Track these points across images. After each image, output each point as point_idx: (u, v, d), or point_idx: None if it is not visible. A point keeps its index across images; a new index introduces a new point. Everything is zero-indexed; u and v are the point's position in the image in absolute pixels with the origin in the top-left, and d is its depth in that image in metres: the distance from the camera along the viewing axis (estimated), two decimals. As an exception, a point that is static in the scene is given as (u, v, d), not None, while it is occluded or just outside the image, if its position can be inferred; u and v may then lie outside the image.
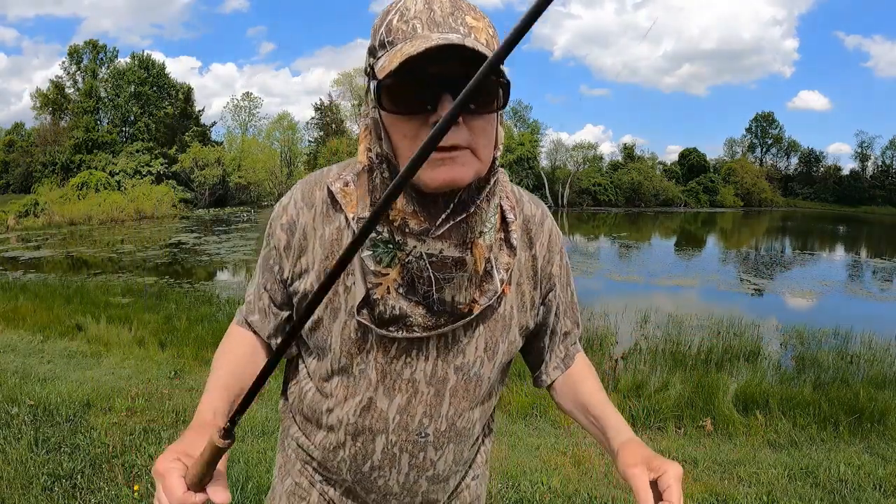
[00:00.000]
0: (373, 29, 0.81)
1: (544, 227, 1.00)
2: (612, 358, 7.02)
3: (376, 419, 0.94)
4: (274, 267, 0.97)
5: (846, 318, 9.53)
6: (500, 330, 0.95)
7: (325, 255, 0.91)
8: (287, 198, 0.96)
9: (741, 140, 79.72)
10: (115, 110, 49.88)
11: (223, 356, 1.03)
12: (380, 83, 0.75)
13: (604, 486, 3.27)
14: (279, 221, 0.95)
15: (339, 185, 0.90)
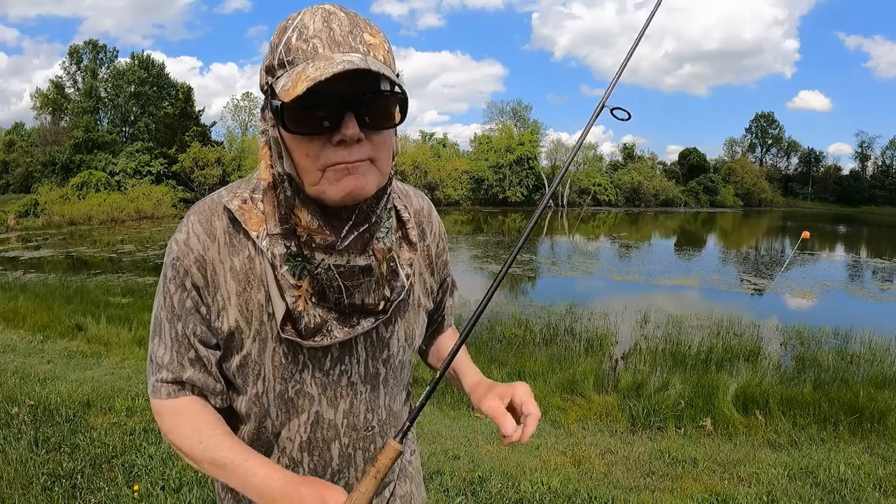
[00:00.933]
0: (271, 45, 0.80)
1: (432, 219, 1.08)
2: (612, 358, 7.03)
3: (327, 429, 0.97)
4: (199, 308, 0.89)
5: (846, 318, 9.53)
6: (413, 318, 1.02)
7: (240, 287, 0.88)
8: (184, 233, 0.89)
9: (741, 140, 79.78)
10: (115, 110, 49.89)
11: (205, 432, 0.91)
12: (282, 105, 0.75)
13: (604, 486, 3.27)
14: (187, 260, 0.88)
15: (237, 203, 0.88)
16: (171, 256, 0.89)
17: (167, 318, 0.91)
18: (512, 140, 54.53)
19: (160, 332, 0.92)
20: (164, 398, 0.94)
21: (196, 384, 0.93)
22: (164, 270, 0.91)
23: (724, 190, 63.72)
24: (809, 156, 78.42)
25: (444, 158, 51.89)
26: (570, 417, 4.79)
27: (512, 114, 60.53)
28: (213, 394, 0.95)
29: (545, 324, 8.67)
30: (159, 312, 0.92)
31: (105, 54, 52.22)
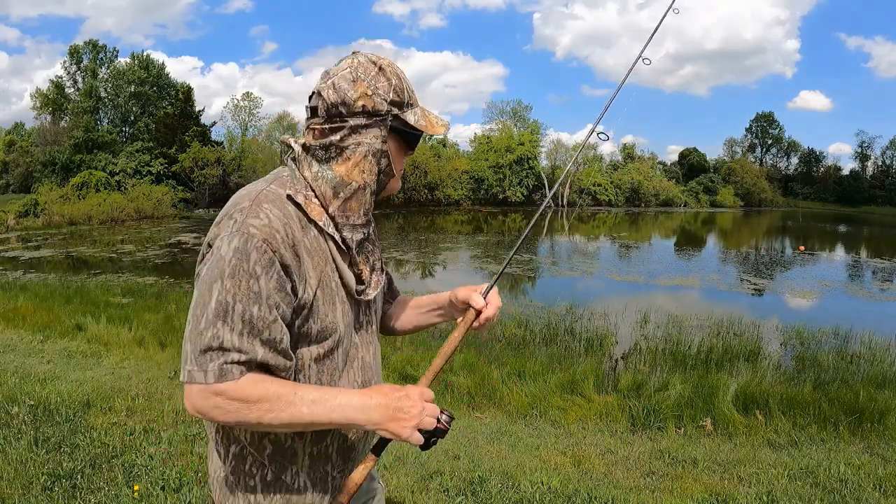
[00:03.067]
0: (389, 82, 1.11)
1: None
2: (612, 358, 7.03)
3: (368, 370, 1.21)
4: (285, 286, 1.01)
5: (846, 318, 9.53)
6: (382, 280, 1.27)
7: (314, 261, 1.07)
8: (262, 218, 1.00)
9: (741, 140, 79.74)
10: (115, 110, 49.82)
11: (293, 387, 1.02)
12: (416, 133, 1.15)
13: (604, 486, 3.27)
14: (275, 241, 0.99)
15: (302, 199, 1.08)
16: (255, 240, 0.98)
17: (242, 301, 0.97)
18: (512, 140, 54.49)
19: (227, 317, 0.96)
20: (238, 377, 0.97)
21: (268, 362, 1.00)
22: (240, 255, 0.98)
23: (724, 190, 63.69)
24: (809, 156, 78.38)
25: (444, 158, 51.85)
26: (570, 417, 4.79)
27: (512, 114, 60.47)
28: (282, 370, 1.03)
29: (545, 324, 8.66)
30: (227, 297, 0.97)
31: (105, 54, 52.16)
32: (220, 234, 1.02)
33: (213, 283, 0.98)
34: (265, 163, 48.28)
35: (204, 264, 1.05)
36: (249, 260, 0.97)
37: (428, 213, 42.95)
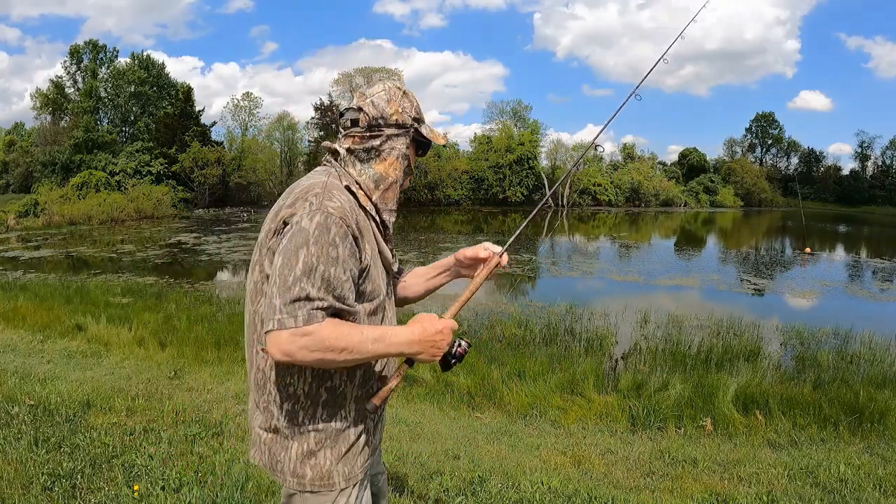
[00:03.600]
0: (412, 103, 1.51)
1: None
2: (612, 358, 7.03)
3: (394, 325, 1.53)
4: (355, 253, 1.32)
5: (846, 318, 9.52)
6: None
7: (367, 237, 1.39)
8: (336, 202, 1.32)
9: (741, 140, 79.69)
10: (115, 110, 49.80)
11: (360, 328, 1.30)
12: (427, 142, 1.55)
13: (604, 486, 3.27)
14: (349, 218, 1.32)
15: (355, 188, 1.44)
16: (334, 217, 1.28)
17: (323, 263, 1.25)
18: (512, 140, 54.46)
19: (311, 275, 1.24)
20: (321, 321, 1.23)
21: (341, 312, 1.28)
22: (324, 229, 1.26)
23: (724, 190, 63.64)
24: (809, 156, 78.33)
25: (444, 158, 51.83)
26: (570, 417, 4.79)
27: (512, 114, 60.39)
28: (350, 315, 1.31)
29: (545, 324, 8.66)
30: (312, 260, 1.24)
31: (105, 54, 52.13)
32: (297, 213, 1.29)
33: (299, 249, 1.25)
34: (265, 163, 48.30)
35: (283, 236, 1.29)
36: (330, 232, 1.27)
37: (428, 213, 42.95)
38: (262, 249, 1.36)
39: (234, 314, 8.70)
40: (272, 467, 1.40)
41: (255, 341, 1.39)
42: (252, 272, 1.40)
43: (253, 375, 1.42)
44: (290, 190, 1.40)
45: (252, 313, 1.40)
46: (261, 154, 49.15)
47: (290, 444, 1.37)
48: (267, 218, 1.38)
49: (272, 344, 1.22)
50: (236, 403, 4.42)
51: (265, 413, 1.39)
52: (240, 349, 6.57)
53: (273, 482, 2.88)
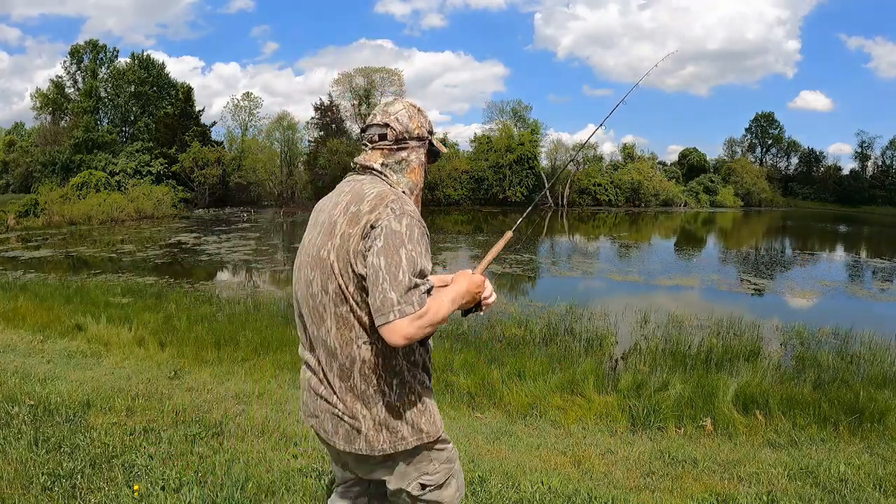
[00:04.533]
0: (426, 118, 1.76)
1: None
2: (612, 358, 7.03)
3: None
4: (429, 246, 1.57)
5: (846, 318, 9.52)
6: None
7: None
8: (411, 207, 1.57)
9: (741, 140, 79.67)
10: (115, 110, 49.81)
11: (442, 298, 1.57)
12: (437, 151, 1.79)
13: (604, 486, 3.27)
14: (421, 219, 1.57)
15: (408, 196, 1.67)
16: (415, 219, 1.54)
17: (419, 256, 1.50)
18: (512, 140, 54.45)
19: (414, 268, 1.47)
20: (427, 300, 1.47)
21: (430, 288, 1.52)
22: (412, 229, 1.51)
23: (724, 190, 63.62)
24: (809, 156, 78.28)
25: (444, 158, 51.75)
26: (570, 417, 4.79)
27: (512, 114, 60.37)
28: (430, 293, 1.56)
29: (545, 324, 8.66)
30: (412, 254, 1.48)
31: (105, 54, 52.13)
32: (383, 217, 1.50)
33: (399, 248, 1.47)
34: (265, 163, 48.29)
35: (376, 239, 1.49)
36: (415, 231, 1.51)
37: (428, 213, 42.87)
38: (348, 256, 1.53)
39: (233, 314, 8.70)
40: (390, 443, 1.61)
41: (353, 339, 1.57)
42: (329, 275, 1.56)
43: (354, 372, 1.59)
44: (358, 197, 1.58)
45: (337, 315, 1.58)
46: (261, 154, 49.14)
47: (403, 412, 1.63)
48: (335, 222, 1.58)
49: (393, 332, 1.43)
50: (236, 403, 4.42)
51: (378, 397, 1.60)
52: (240, 349, 6.57)
53: (273, 482, 2.88)
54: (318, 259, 1.59)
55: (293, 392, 5.09)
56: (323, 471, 3.05)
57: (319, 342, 1.63)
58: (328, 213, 1.64)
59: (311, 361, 1.70)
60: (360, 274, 1.51)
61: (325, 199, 1.76)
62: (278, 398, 4.73)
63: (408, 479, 1.68)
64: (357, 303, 1.55)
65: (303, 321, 1.70)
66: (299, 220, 36.40)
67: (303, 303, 1.67)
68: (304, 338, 1.72)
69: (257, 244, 22.91)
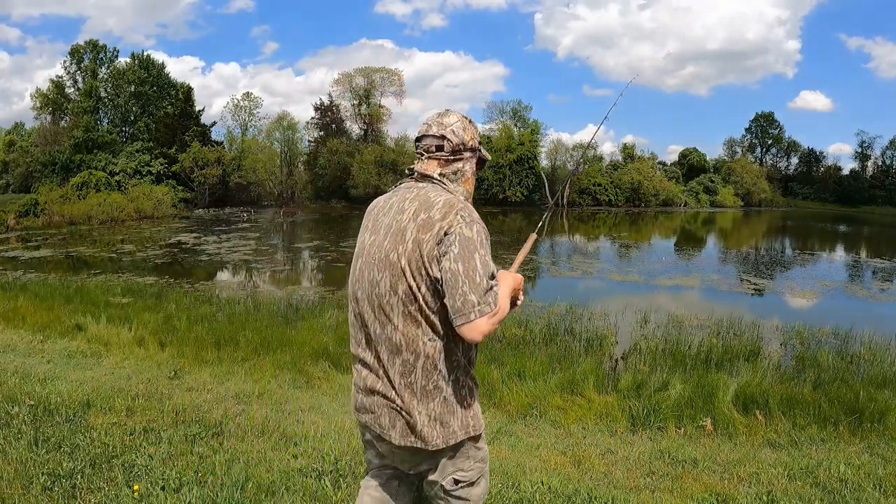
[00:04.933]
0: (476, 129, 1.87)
1: None
2: (612, 358, 7.02)
3: None
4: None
5: (846, 318, 9.52)
6: None
7: None
8: (476, 215, 1.70)
9: (741, 140, 79.65)
10: (115, 110, 49.81)
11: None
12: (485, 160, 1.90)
13: (604, 486, 3.27)
14: (485, 226, 1.71)
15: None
16: (481, 225, 1.69)
17: (488, 259, 1.65)
18: (512, 140, 54.45)
19: (487, 270, 1.62)
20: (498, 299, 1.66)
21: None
22: (481, 235, 1.67)
23: (724, 190, 63.61)
24: (809, 156, 78.26)
25: (443, 158, 51.74)
26: (570, 417, 4.79)
27: (512, 114, 60.37)
28: None
29: (545, 324, 8.66)
30: (485, 258, 1.64)
31: (105, 54, 52.15)
32: (455, 225, 1.64)
33: (473, 253, 1.61)
34: (265, 163, 48.27)
35: (451, 245, 1.62)
36: (483, 236, 1.67)
37: (428, 213, 42.84)
38: (420, 259, 1.64)
39: (233, 314, 8.70)
40: (442, 437, 1.71)
41: (419, 336, 1.67)
42: (399, 277, 1.66)
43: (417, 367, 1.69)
44: (426, 204, 1.69)
45: (405, 314, 1.67)
46: (261, 154, 49.12)
47: (455, 407, 1.74)
48: (405, 227, 1.68)
49: (473, 330, 1.58)
50: (236, 403, 4.42)
51: (436, 392, 1.71)
52: (240, 349, 6.57)
53: (273, 482, 2.88)
54: (388, 262, 1.69)
55: (293, 392, 5.09)
56: (323, 471, 3.06)
57: (383, 340, 1.72)
58: (393, 218, 1.73)
59: (367, 359, 1.78)
60: (434, 277, 1.63)
61: (382, 203, 1.84)
62: (278, 398, 4.73)
63: (445, 473, 1.78)
64: (426, 303, 1.66)
65: (361, 320, 1.79)
66: (299, 220, 36.40)
67: (365, 302, 1.76)
68: (360, 336, 1.80)
69: (257, 244, 22.91)
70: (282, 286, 13.38)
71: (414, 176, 1.82)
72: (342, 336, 7.30)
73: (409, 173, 1.85)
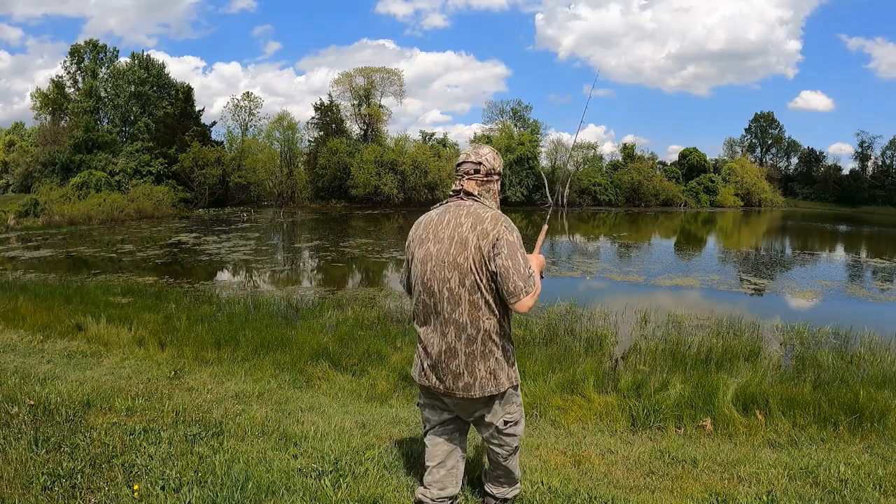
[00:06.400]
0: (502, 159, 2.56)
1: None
2: (612, 358, 7.02)
3: None
4: None
5: (846, 318, 9.52)
6: None
7: None
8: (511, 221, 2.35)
9: (741, 140, 79.67)
10: (115, 110, 49.79)
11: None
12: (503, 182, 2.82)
13: (604, 486, 3.27)
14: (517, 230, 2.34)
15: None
16: (518, 232, 2.31)
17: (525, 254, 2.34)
18: (512, 140, 54.44)
19: (527, 263, 2.32)
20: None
21: None
22: (518, 238, 2.31)
23: (724, 190, 63.63)
24: (809, 156, 78.28)
25: (444, 158, 51.82)
26: (570, 417, 4.79)
27: (512, 114, 60.39)
28: None
29: (545, 324, 8.66)
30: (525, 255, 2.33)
31: (105, 54, 52.18)
32: (502, 233, 2.29)
33: (516, 252, 2.28)
34: (265, 163, 48.27)
35: (502, 248, 2.28)
36: (520, 238, 2.32)
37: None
38: (482, 259, 2.29)
39: (233, 314, 8.70)
40: (495, 387, 2.39)
41: (480, 316, 2.33)
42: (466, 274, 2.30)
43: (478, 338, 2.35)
44: (479, 219, 2.33)
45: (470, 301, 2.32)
46: (261, 154, 49.11)
47: (504, 364, 2.42)
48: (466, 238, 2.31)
49: (523, 305, 2.28)
50: (236, 403, 4.42)
51: (490, 355, 2.37)
52: (240, 349, 6.58)
53: (273, 482, 2.88)
54: (456, 263, 2.31)
55: (293, 392, 5.09)
56: (323, 471, 3.06)
57: (451, 321, 2.35)
58: (454, 230, 2.35)
59: (437, 335, 2.40)
60: (492, 271, 2.29)
61: (437, 218, 2.44)
62: (278, 398, 4.73)
63: (498, 415, 2.47)
64: (486, 290, 2.32)
65: (433, 307, 2.39)
66: (299, 220, 36.40)
67: (437, 293, 2.36)
68: (431, 318, 2.41)
69: (257, 244, 22.91)
70: (282, 286, 13.39)
71: (459, 195, 2.43)
72: (342, 336, 7.30)
73: (453, 193, 2.46)
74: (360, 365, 6.29)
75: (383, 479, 3.02)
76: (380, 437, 3.73)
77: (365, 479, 2.98)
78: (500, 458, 2.59)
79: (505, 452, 2.57)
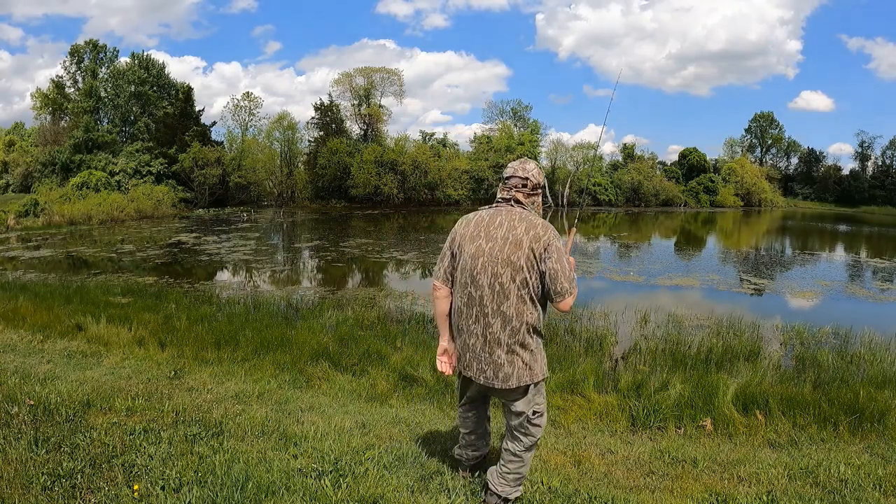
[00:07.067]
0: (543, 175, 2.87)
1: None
2: (612, 358, 7.02)
3: None
4: None
5: (846, 318, 9.52)
6: None
7: None
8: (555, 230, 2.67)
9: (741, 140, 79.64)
10: (115, 110, 49.73)
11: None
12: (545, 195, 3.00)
13: (604, 486, 3.26)
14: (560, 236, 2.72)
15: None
16: (560, 237, 2.68)
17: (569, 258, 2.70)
18: (512, 140, 54.45)
19: (571, 266, 2.68)
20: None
21: None
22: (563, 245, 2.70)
23: (724, 190, 63.62)
24: (809, 156, 78.26)
25: (444, 158, 51.82)
26: (570, 417, 4.79)
27: (512, 114, 60.40)
28: None
29: (545, 324, 8.64)
30: (568, 259, 2.69)
31: (105, 54, 52.12)
32: (552, 239, 2.61)
33: (563, 256, 2.62)
34: (265, 163, 48.28)
35: (552, 251, 2.60)
36: (563, 244, 2.69)
37: (428, 213, 42.93)
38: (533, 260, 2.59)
39: (233, 314, 8.70)
40: (530, 377, 2.67)
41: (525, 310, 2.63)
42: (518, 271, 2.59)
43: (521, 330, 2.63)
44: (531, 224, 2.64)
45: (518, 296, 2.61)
46: (261, 154, 49.10)
47: (538, 355, 2.71)
48: (521, 239, 2.60)
49: (567, 304, 2.63)
50: (236, 403, 4.42)
51: (527, 347, 2.66)
52: (240, 349, 6.58)
53: (273, 482, 2.88)
54: (509, 261, 2.59)
55: (293, 392, 5.09)
56: (323, 471, 3.06)
57: (498, 314, 2.61)
58: (508, 231, 2.63)
59: (476, 329, 2.66)
60: (541, 271, 2.60)
61: (488, 219, 2.71)
62: (278, 398, 4.73)
63: (529, 405, 2.74)
64: (534, 287, 2.61)
65: (480, 300, 2.64)
66: (299, 220, 36.40)
67: (486, 287, 2.62)
68: (477, 311, 2.65)
69: (257, 244, 22.90)
70: (282, 286, 13.38)
71: (510, 202, 2.72)
72: (342, 336, 7.30)
73: (504, 199, 2.74)
74: (360, 365, 6.28)
75: (383, 479, 3.01)
76: (380, 437, 3.73)
77: (365, 479, 2.98)
78: (520, 448, 2.77)
79: (528, 442, 2.77)
